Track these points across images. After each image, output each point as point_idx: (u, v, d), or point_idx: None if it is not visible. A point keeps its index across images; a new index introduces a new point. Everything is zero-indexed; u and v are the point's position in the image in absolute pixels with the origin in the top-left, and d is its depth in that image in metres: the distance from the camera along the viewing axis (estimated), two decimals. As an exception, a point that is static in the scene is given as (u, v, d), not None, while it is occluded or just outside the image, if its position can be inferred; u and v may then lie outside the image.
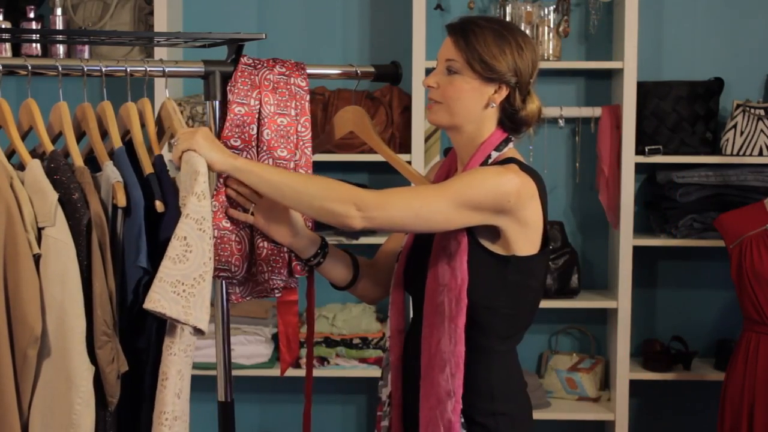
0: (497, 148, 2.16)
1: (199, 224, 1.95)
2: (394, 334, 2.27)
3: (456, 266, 2.09)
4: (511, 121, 2.17)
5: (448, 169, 2.31)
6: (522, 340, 2.24)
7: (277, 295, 2.26)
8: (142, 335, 2.05)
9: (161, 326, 2.01)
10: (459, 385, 2.08)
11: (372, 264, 2.40)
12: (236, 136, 2.17)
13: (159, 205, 2.01)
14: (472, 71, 2.12)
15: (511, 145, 2.18)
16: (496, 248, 2.11)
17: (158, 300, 1.91)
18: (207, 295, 1.97)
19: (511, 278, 2.11)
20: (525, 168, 2.12)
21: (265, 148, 2.19)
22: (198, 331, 1.98)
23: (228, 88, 2.20)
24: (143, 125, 2.16)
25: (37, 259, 1.93)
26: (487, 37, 2.12)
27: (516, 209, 2.07)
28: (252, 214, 2.17)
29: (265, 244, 2.20)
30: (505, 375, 2.18)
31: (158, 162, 2.08)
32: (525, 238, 2.11)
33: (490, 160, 2.15)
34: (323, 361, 3.80)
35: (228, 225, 2.17)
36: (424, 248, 2.20)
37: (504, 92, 2.13)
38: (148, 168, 2.07)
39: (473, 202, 2.04)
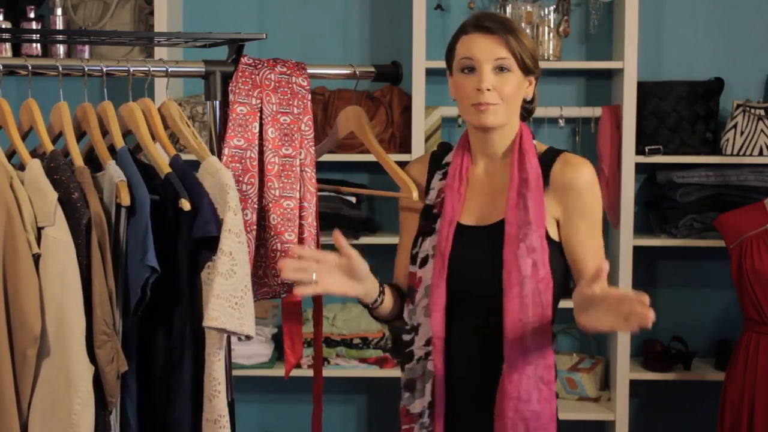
0: (534, 138, 2.24)
1: (239, 237, 2.00)
2: (437, 340, 2.17)
3: (539, 259, 2.11)
4: (527, 112, 2.26)
5: (460, 167, 2.25)
6: None
7: (282, 296, 2.26)
8: (170, 333, 2.06)
9: (194, 327, 2.03)
10: (553, 377, 2.16)
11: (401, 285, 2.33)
12: (239, 135, 2.17)
13: (185, 204, 2.00)
14: (521, 67, 2.15)
15: None
16: (553, 233, 2.17)
17: (218, 317, 1.96)
18: (251, 302, 2.02)
19: (561, 262, 2.17)
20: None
21: (270, 146, 2.19)
22: (248, 338, 2.04)
23: (229, 88, 2.21)
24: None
25: (36, 258, 1.93)
26: (522, 32, 2.18)
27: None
28: (315, 281, 2.05)
29: (279, 246, 2.20)
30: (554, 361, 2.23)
31: (178, 162, 2.08)
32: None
33: (537, 151, 2.21)
34: (323, 361, 3.80)
35: None
36: (484, 244, 2.17)
37: (533, 84, 2.21)
38: (164, 168, 2.06)
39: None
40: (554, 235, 2.16)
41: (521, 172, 2.16)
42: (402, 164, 3.78)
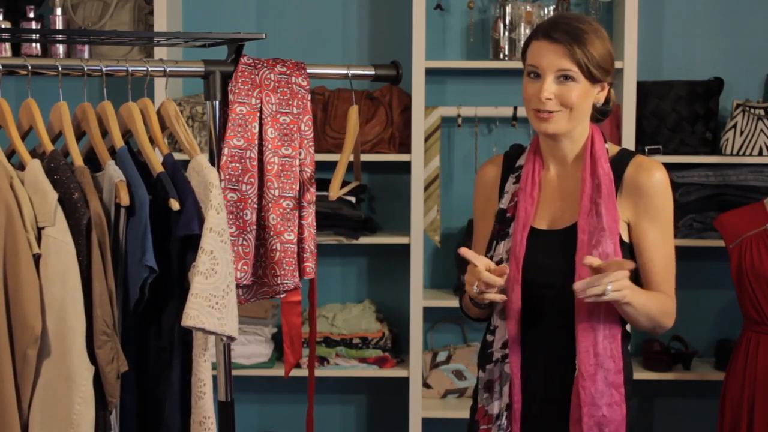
0: (605, 141, 2.25)
1: (221, 236, 1.98)
2: (512, 344, 2.20)
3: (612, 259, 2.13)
4: (602, 114, 2.26)
5: (532, 171, 2.27)
6: None
7: (281, 296, 2.26)
8: (160, 334, 2.06)
9: (182, 327, 2.01)
10: (622, 378, 2.19)
11: None
12: (239, 135, 2.17)
13: (174, 203, 2.00)
14: (588, 77, 2.15)
15: None
16: (626, 236, 2.21)
17: (197, 316, 1.94)
18: (235, 303, 2.01)
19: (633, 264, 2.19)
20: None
21: (269, 146, 2.20)
22: (230, 339, 2.02)
23: (229, 88, 2.21)
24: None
25: (37, 258, 1.93)
26: (595, 40, 2.16)
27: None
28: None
29: (278, 246, 2.20)
30: (627, 356, 2.27)
31: (169, 161, 2.08)
32: None
33: (609, 154, 2.23)
34: (323, 361, 3.80)
35: (233, 230, 2.17)
36: (558, 250, 2.20)
37: (606, 90, 2.21)
38: (157, 167, 2.06)
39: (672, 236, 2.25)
40: (626, 238, 2.20)
41: (593, 178, 2.19)
42: (401, 164, 3.79)
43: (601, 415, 2.15)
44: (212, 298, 1.96)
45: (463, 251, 2.13)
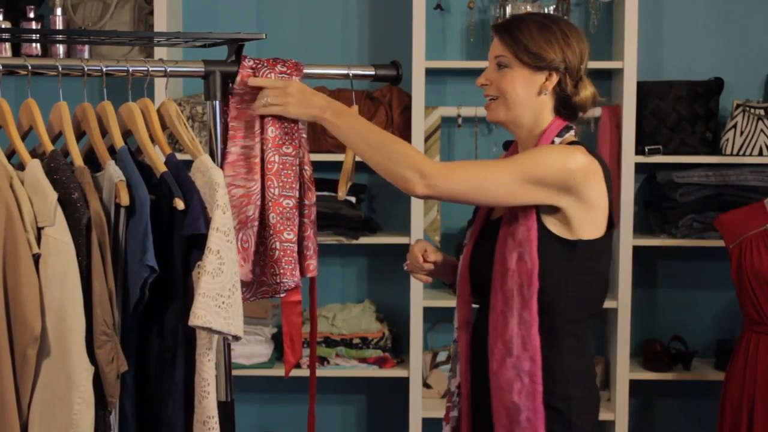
0: (559, 134, 2.23)
1: (227, 236, 1.98)
2: (462, 325, 2.32)
3: (525, 252, 2.15)
4: (566, 107, 2.26)
5: None
6: (592, 326, 2.31)
7: (281, 295, 2.26)
8: (163, 333, 2.06)
9: (186, 327, 2.02)
10: (538, 368, 2.15)
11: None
12: (244, 134, 2.19)
13: (179, 203, 2.00)
14: (521, 63, 2.21)
15: (572, 132, 2.26)
16: (563, 233, 2.17)
17: (204, 316, 1.94)
18: (240, 303, 2.01)
19: (579, 262, 2.18)
20: (591, 152, 2.20)
21: (270, 145, 2.20)
22: (236, 338, 2.02)
23: (232, 88, 2.21)
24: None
25: (36, 258, 1.93)
26: (532, 29, 2.22)
27: (581, 188, 2.14)
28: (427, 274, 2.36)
29: (278, 245, 2.20)
30: (578, 359, 2.24)
31: (172, 160, 2.08)
32: (590, 221, 2.18)
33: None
34: (323, 360, 3.80)
35: (235, 224, 2.17)
36: (490, 239, 2.25)
37: (555, 79, 2.23)
38: (160, 167, 2.06)
39: (538, 177, 2.11)
40: (559, 232, 2.18)
41: None
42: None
43: (510, 401, 2.16)
44: (219, 298, 1.96)
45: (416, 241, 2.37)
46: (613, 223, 2.23)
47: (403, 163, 2.14)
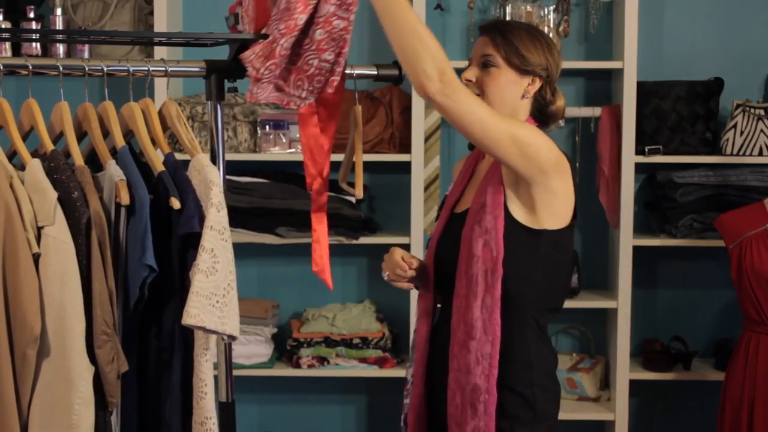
0: None
1: (222, 234, 1.98)
2: (422, 315, 2.39)
3: (491, 239, 2.20)
4: (542, 113, 2.33)
5: (475, 160, 2.44)
6: (549, 321, 2.33)
7: (293, 107, 2.18)
8: (160, 333, 2.06)
9: (183, 327, 2.01)
10: (496, 352, 2.19)
11: None
12: (283, 18, 2.10)
13: (174, 202, 2.00)
14: (509, 64, 2.27)
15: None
16: (529, 222, 2.22)
17: (197, 315, 1.94)
18: (236, 302, 2.00)
19: (544, 251, 2.23)
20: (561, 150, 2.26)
21: (313, 47, 2.12)
22: (231, 338, 2.02)
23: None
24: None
25: (36, 258, 1.93)
26: (522, 34, 2.29)
27: (551, 177, 2.19)
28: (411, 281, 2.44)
29: (316, 63, 2.12)
30: (542, 348, 2.28)
31: (170, 160, 2.08)
32: (555, 211, 2.23)
33: None
34: (323, 361, 3.80)
35: (281, 27, 2.08)
36: (456, 229, 2.30)
37: (537, 84, 2.30)
38: (159, 166, 2.06)
39: (524, 145, 2.14)
40: (524, 221, 2.22)
41: (496, 164, 2.28)
42: (402, 164, 3.79)
43: (473, 383, 2.20)
44: (213, 297, 1.95)
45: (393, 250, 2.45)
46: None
47: (429, 58, 2.07)
